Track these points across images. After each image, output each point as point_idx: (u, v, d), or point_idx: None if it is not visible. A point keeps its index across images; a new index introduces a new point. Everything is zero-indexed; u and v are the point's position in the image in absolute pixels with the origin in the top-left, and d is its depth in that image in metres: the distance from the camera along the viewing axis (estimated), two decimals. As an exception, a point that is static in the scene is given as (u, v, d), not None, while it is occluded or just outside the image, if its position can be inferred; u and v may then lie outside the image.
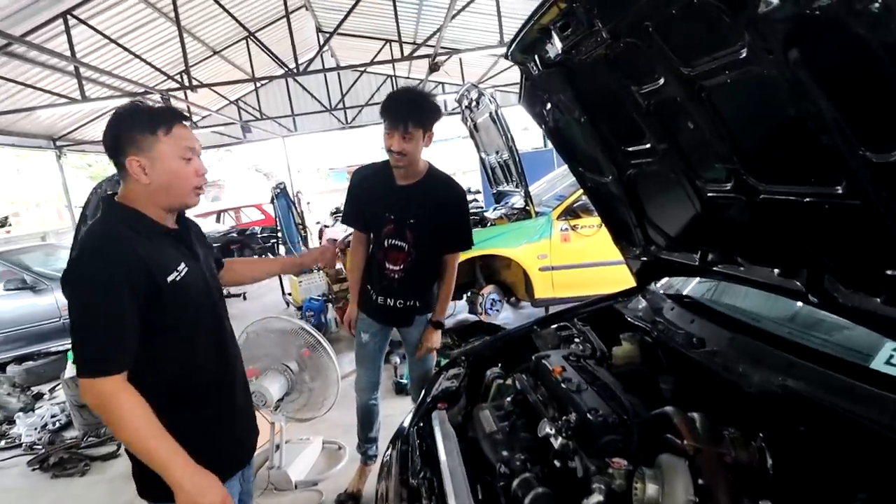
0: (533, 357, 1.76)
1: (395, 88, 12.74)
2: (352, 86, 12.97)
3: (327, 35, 8.34)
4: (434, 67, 6.99)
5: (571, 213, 4.06)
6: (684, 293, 2.06)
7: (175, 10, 6.59)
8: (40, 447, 3.73)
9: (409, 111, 2.05)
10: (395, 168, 2.17)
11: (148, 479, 1.26)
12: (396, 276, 2.26)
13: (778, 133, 1.12)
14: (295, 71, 7.92)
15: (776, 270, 1.38)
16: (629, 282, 2.22)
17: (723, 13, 0.96)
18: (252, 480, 1.75)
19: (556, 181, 5.14)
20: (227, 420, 1.44)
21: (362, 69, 12.44)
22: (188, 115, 1.42)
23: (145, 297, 1.21)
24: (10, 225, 17.15)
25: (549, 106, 1.84)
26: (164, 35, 8.32)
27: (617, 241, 2.11)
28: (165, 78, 8.82)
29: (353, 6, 7.26)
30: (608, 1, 1.19)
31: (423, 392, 2.23)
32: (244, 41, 9.59)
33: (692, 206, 1.55)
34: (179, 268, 1.29)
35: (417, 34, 9.90)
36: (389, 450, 1.77)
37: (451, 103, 9.59)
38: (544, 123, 1.94)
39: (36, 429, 3.93)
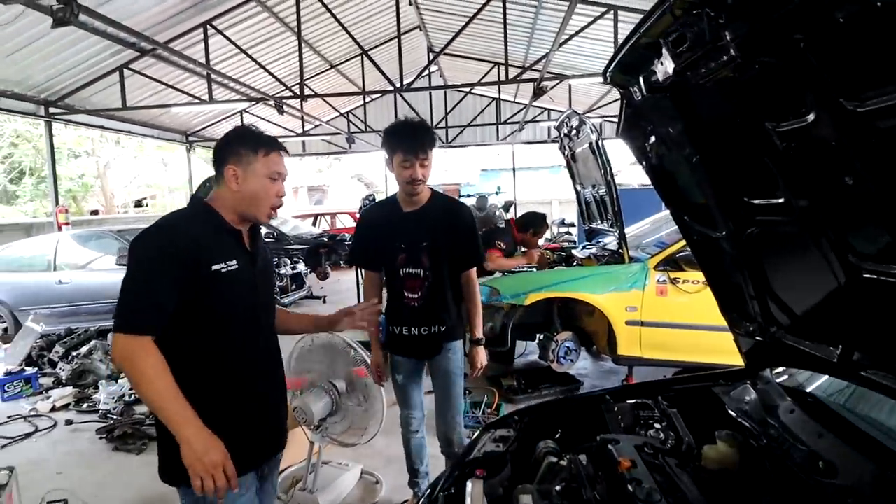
0: (598, 438, 1.44)
1: (499, 111, 12.76)
2: (455, 105, 13.12)
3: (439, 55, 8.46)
4: (539, 92, 6.75)
5: (672, 263, 3.55)
6: (808, 389, 1.62)
7: (298, 24, 7.00)
8: (113, 417, 3.94)
9: (424, 138, 2.11)
10: (408, 196, 2.20)
11: (168, 462, 1.38)
12: (416, 303, 2.24)
13: None
14: (402, 87, 8.09)
15: (962, 398, 0.96)
16: (735, 356, 1.80)
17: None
18: (274, 493, 1.74)
19: (662, 224, 4.63)
20: (242, 419, 1.48)
21: (467, 90, 12.54)
22: (285, 147, 1.76)
23: (190, 275, 1.35)
24: (146, 206, 19.61)
25: (652, 139, 1.52)
26: (287, 48, 8.94)
27: (725, 310, 1.71)
28: (284, 88, 9.44)
29: (462, 28, 7.29)
30: (744, 4, 0.89)
31: (449, 444, 2.18)
32: (360, 57, 10.03)
33: (838, 285, 1.17)
34: (230, 262, 1.43)
35: (527, 58, 9.75)
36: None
37: (555, 131, 9.25)
38: (646, 160, 1.62)
39: (114, 398, 4.16)
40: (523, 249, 4.50)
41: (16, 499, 2.73)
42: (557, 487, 1.36)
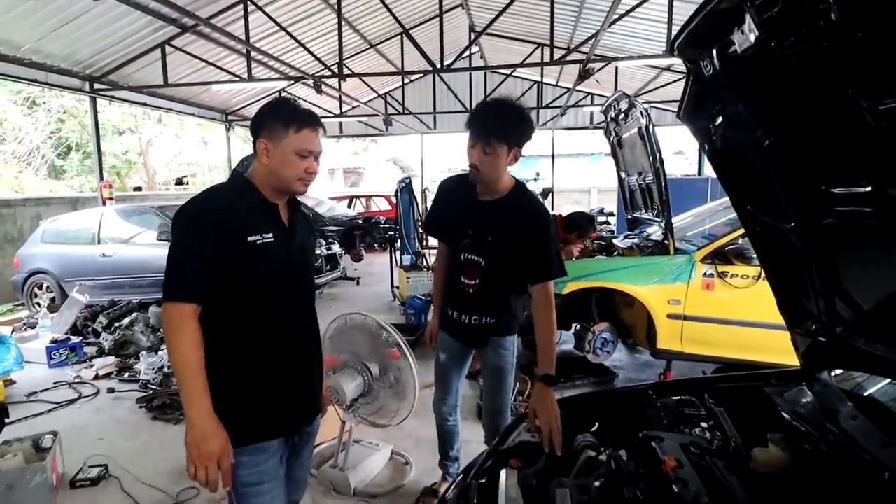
0: (641, 434, 1.37)
1: (540, 95, 12.51)
2: (495, 88, 12.88)
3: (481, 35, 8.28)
4: (584, 75, 6.53)
5: (721, 256, 3.40)
6: (867, 392, 1.51)
7: (338, 1, 6.93)
8: (153, 387, 4.06)
9: (495, 125, 1.89)
10: (475, 182, 2.05)
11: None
12: (471, 290, 2.14)
13: None
14: (442, 68, 7.96)
15: None
16: (787, 355, 1.69)
17: None
18: (307, 467, 1.77)
19: (706, 216, 4.43)
20: (274, 386, 1.51)
21: (508, 72, 12.27)
22: (324, 125, 1.59)
23: (228, 246, 1.38)
24: (186, 183, 20.18)
25: (719, 120, 1.41)
26: (327, 26, 8.90)
27: (783, 307, 1.60)
28: (322, 67, 9.43)
29: (507, 6, 7.07)
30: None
31: (496, 438, 1.96)
32: (399, 37, 9.93)
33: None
34: (266, 235, 1.44)
35: (573, 39, 9.44)
36: (448, 495, 1.52)
37: (598, 116, 8.97)
38: (709, 143, 1.50)
39: (153, 369, 4.30)
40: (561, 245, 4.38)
41: (59, 461, 2.85)
42: (596, 483, 1.31)
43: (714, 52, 1.18)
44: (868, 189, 1.06)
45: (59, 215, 7.14)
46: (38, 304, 6.56)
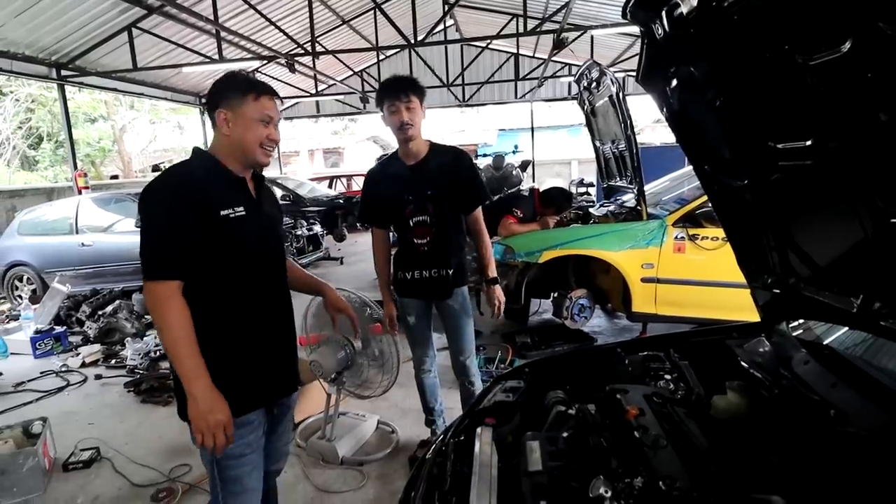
0: (607, 388, 1.44)
1: (517, 67, 12.34)
2: (472, 61, 12.74)
3: (454, 7, 8.15)
4: (559, 44, 6.49)
5: (692, 220, 3.48)
6: (825, 342, 1.59)
7: (308, -25, 6.77)
8: (140, 371, 4.09)
9: (406, 83, 2.23)
10: (404, 144, 2.31)
11: (185, 401, 1.39)
12: (426, 247, 2.38)
13: None
14: (417, 42, 7.85)
15: None
16: (754, 312, 1.77)
17: None
18: (289, 435, 1.83)
19: (683, 181, 4.51)
20: (252, 357, 1.53)
21: (484, 44, 12.14)
22: (279, 94, 1.63)
23: (202, 221, 1.39)
24: (162, 169, 19.80)
25: (674, 83, 1.44)
26: (297, 3, 8.69)
27: (743, 263, 1.67)
28: (295, 45, 9.23)
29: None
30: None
31: (474, 400, 2.05)
32: (372, 12, 9.73)
33: (863, 232, 1.12)
34: (237, 209, 1.46)
35: (547, 9, 9.35)
36: (427, 455, 1.58)
37: (575, 87, 8.96)
38: (667, 106, 1.54)
39: (140, 354, 4.31)
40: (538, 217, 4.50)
41: (50, 446, 2.89)
42: (564, 434, 1.38)
43: (663, 14, 1.21)
44: (809, 143, 1.12)
45: (35, 206, 7.00)
46: (20, 297, 6.49)
